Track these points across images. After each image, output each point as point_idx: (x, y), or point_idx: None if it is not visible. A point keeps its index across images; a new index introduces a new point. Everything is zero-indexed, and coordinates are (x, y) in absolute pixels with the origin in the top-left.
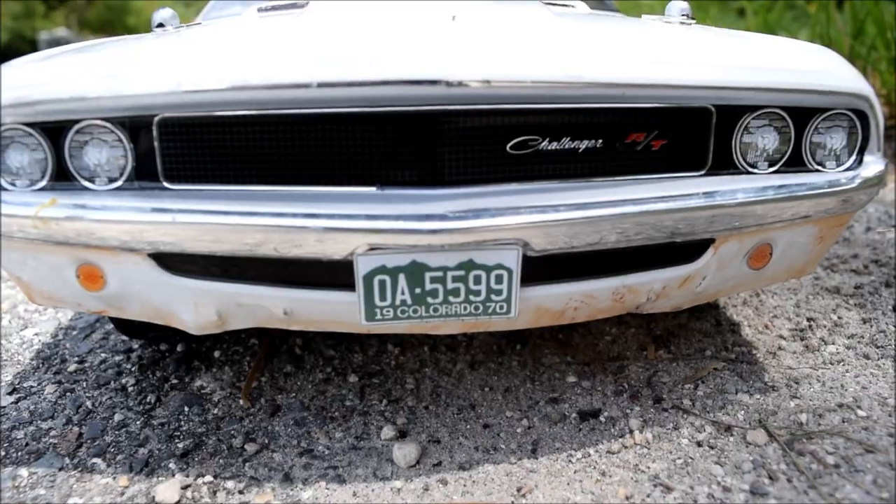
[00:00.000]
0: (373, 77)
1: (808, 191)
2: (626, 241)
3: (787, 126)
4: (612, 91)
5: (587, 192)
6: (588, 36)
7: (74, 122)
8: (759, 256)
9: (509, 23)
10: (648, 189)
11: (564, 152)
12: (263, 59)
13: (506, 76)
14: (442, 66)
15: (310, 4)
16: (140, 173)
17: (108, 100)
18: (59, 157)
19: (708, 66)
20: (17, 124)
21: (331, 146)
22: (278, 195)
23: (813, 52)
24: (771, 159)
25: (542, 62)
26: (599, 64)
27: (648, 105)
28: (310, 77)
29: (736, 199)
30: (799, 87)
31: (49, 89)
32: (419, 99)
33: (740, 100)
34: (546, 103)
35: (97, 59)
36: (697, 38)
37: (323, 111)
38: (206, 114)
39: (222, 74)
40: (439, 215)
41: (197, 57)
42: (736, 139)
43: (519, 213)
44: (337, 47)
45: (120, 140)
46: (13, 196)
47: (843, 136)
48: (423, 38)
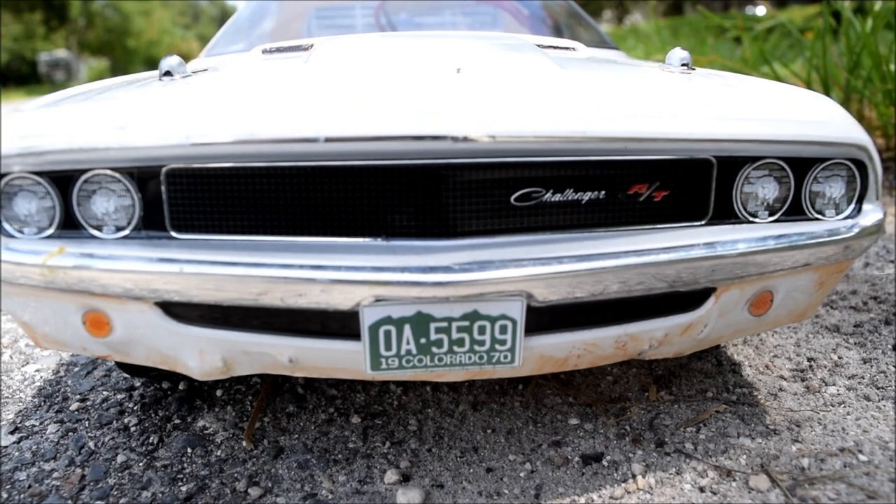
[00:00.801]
0: (379, 133)
1: (807, 240)
2: (629, 290)
3: (787, 176)
4: (614, 145)
5: (590, 243)
6: (590, 88)
7: (83, 172)
8: (760, 303)
9: (513, 75)
10: (650, 240)
11: (568, 203)
12: (270, 113)
13: (510, 132)
14: (448, 121)
15: (314, 47)
16: (147, 222)
17: (116, 151)
18: (66, 206)
19: (708, 119)
20: (26, 173)
21: (337, 198)
22: (285, 245)
23: (812, 100)
24: (771, 208)
25: (546, 117)
26: (602, 118)
27: (650, 157)
28: (317, 132)
29: (737, 249)
30: (798, 138)
31: (59, 140)
32: (425, 153)
33: (741, 151)
34: (550, 156)
35: (106, 108)
36: (698, 89)
37: (329, 164)
38: (214, 165)
39: (229, 128)
40: (444, 267)
41: (204, 109)
42: (737, 189)
43: (523, 266)
44: (343, 100)
45: (128, 189)
46: (21, 243)
47: (842, 185)
48: (429, 92)
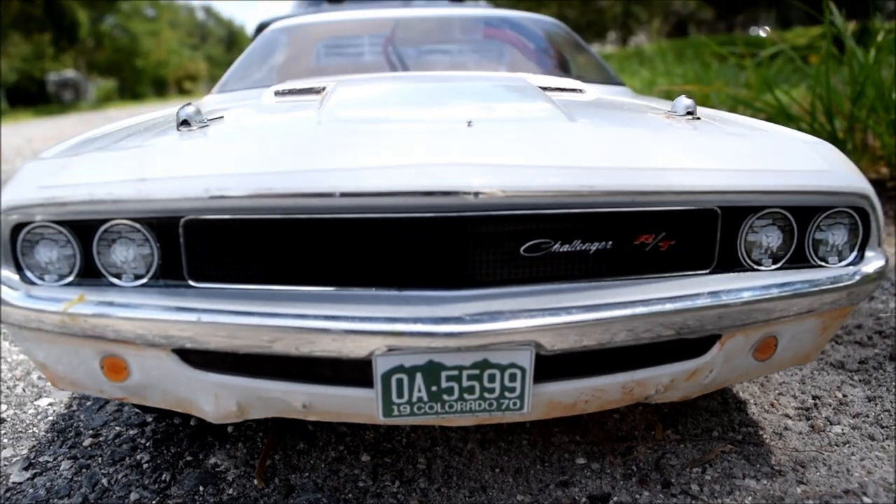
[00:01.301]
0: (393, 188)
1: (811, 288)
2: (636, 338)
3: (790, 224)
4: (621, 198)
5: (598, 293)
6: (597, 140)
7: (103, 222)
8: (765, 348)
9: (522, 127)
10: (657, 289)
11: (576, 253)
12: (286, 166)
13: (521, 187)
14: (460, 177)
15: (327, 91)
16: (165, 271)
17: (137, 203)
18: (87, 254)
19: (713, 172)
20: (48, 222)
21: (351, 249)
22: (300, 295)
23: (814, 148)
24: (775, 256)
25: (555, 172)
26: (609, 173)
27: (657, 209)
28: (332, 187)
29: (741, 298)
30: (801, 188)
31: (80, 191)
32: (437, 207)
33: (745, 202)
34: (559, 209)
35: (125, 160)
36: (702, 140)
37: (343, 216)
38: (231, 217)
39: (246, 183)
40: (455, 318)
41: (221, 162)
42: (741, 238)
43: (532, 316)
44: (358, 154)
45: (147, 239)
46: (42, 290)
47: (844, 232)
48: (441, 147)
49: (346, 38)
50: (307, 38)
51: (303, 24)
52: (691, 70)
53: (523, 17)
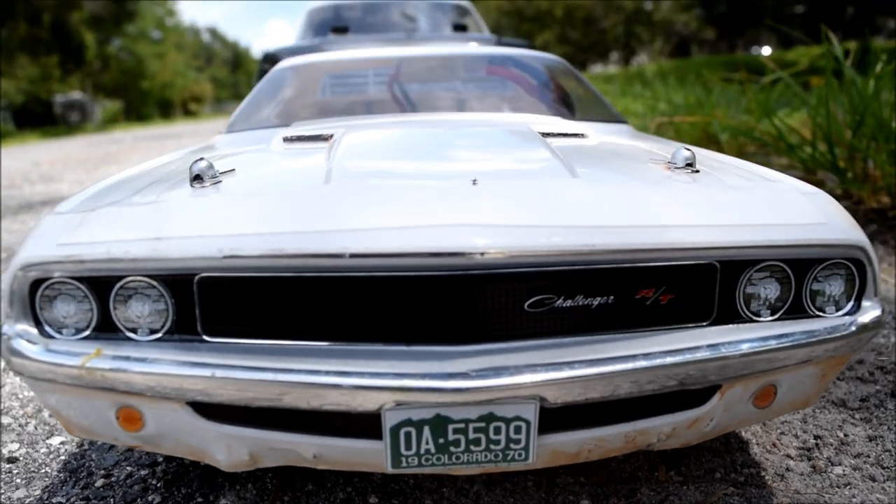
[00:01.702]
0: (401, 249)
1: (809, 339)
2: (638, 391)
3: (788, 276)
4: (622, 255)
5: (600, 346)
6: (599, 196)
7: (120, 278)
8: (764, 396)
9: (526, 184)
10: (657, 342)
11: (578, 308)
12: (296, 226)
13: (524, 247)
14: (466, 238)
15: (334, 138)
16: (180, 326)
17: (153, 262)
18: (103, 309)
19: (712, 227)
20: (66, 278)
21: (360, 306)
22: (311, 350)
23: (811, 200)
24: (773, 307)
25: (558, 232)
26: (610, 231)
27: (657, 264)
28: (342, 248)
29: (740, 350)
30: (799, 242)
31: (98, 250)
32: (444, 266)
33: (743, 256)
34: (562, 266)
35: (141, 218)
36: (702, 193)
37: (353, 275)
38: (244, 275)
39: (259, 243)
40: (462, 374)
41: (234, 222)
42: (739, 290)
43: (536, 371)
44: (365, 212)
45: (162, 295)
46: (60, 344)
47: (841, 283)
48: (448, 207)
49: (352, 76)
50: (314, 77)
51: (310, 63)
52: (693, 95)
53: (526, 56)
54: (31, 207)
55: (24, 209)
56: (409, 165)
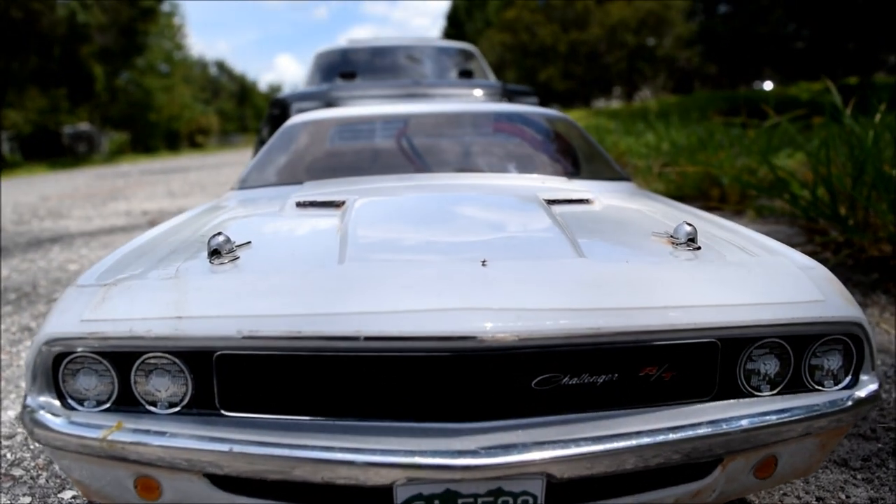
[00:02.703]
0: (414, 333)
1: (808, 413)
2: (642, 465)
3: (787, 352)
4: (627, 336)
5: (605, 423)
6: (603, 279)
7: (141, 354)
8: (765, 467)
9: (533, 266)
10: (661, 418)
11: (584, 386)
12: (312, 307)
13: (532, 331)
14: (477, 323)
15: (346, 205)
16: (198, 400)
17: (173, 340)
18: (124, 383)
19: (713, 308)
20: (89, 353)
21: (373, 384)
22: (325, 426)
23: (810, 275)
24: (772, 382)
25: (565, 314)
26: (615, 313)
27: (660, 343)
28: (356, 331)
29: (741, 425)
30: (798, 320)
31: (121, 327)
32: (455, 348)
33: (744, 335)
34: (568, 347)
35: (163, 293)
36: (703, 272)
37: (366, 354)
38: (261, 353)
39: (276, 324)
40: (471, 452)
41: (252, 302)
42: (740, 367)
43: (543, 449)
44: (378, 294)
45: (181, 371)
46: (81, 417)
47: (839, 357)
48: (457, 289)
49: (361, 133)
50: (325, 133)
51: (321, 120)
52: (695, 135)
53: (532, 112)
54: (40, 245)
55: (33, 247)
56: (420, 239)
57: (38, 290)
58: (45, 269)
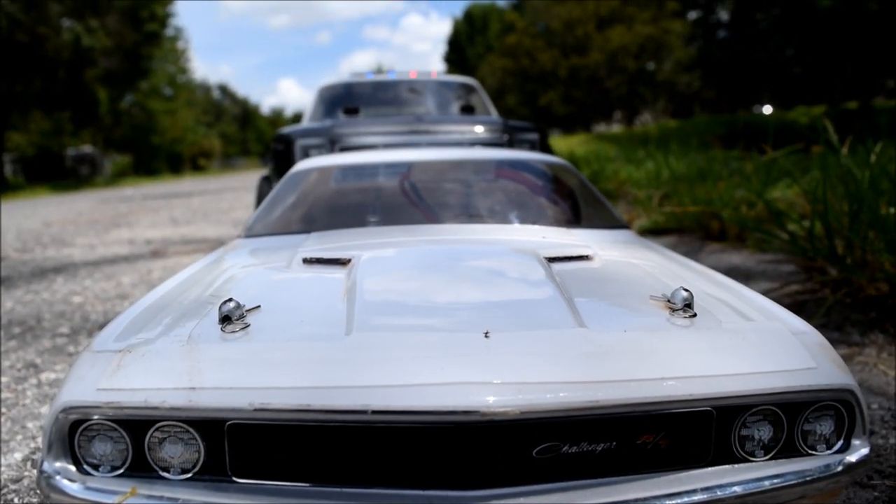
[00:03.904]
0: (419, 407)
1: (801, 478)
2: None
3: (780, 418)
4: (625, 408)
5: (604, 490)
6: (602, 350)
7: (155, 422)
8: None
9: (534, 337)
10: (657, 484)
11: (583, 454)
12: (321, 381)
13: (534, 404)
14: (479, 396)
15: (352, 263)
16: (210, 467)
17: (187, 411)
18: (137, 449)
19: (709, 378)
20: (104, 420)
21: (378, 453)
22: (333, 494)
23: (803, 341)
24: (766, 447)
25: (565, 388)
26: (614, 386)
27: (657, 412)
28: (364, 405)
29: (735, 492)
30: (791, 389)
31: (136, 397)
32: (458, 421)
33: (738, 403)
34: (568, 418)
35: (176, 362)
36: (699, 341)
37: (373, 426)
38: (272, 423)
39: (287, 397)
40: None
41: (263, 374)
42: (734, 433)
43: None
44: (384, 369)
45: (194, 438)
46: (96, 482)
47: (831, 423)
48: (462, 363)
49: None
50: (329, 180)
51: (325, 167)
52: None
53: (532, 159)
54: (44, 276)
55: (37, 277)
56: (424, 302)
57: (43, 324)
58: (49, 301)
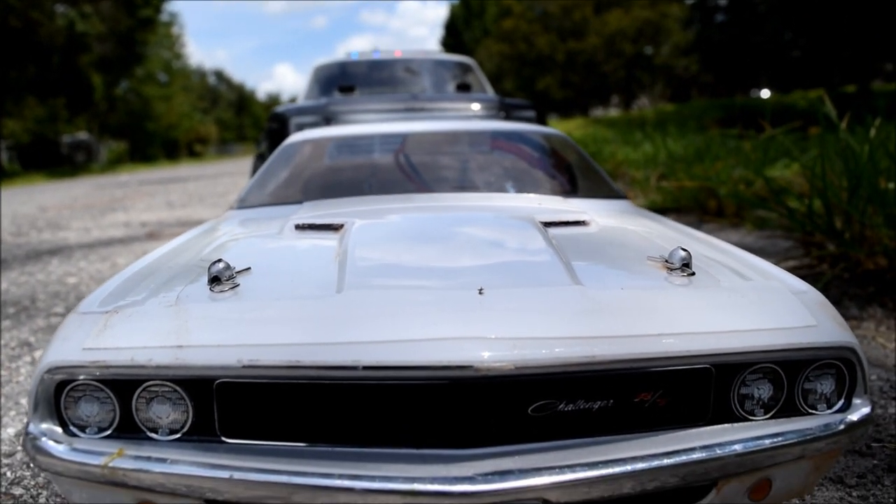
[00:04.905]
0: (412, 362)
1: (801, 437)
2: (638, 489)
3: (780, 377)
4: (622, 364)
5: (601, 449)
6: (599, 307)
7: (142, 382)
8: (760, 490)
9: (530, 294)
10: (655, 443)
11: (580, 412)
12: (311, 337)
13: (529, 360)
14: (473, 351)
15: (345, 228)
16: (199, 427)
17: (174, 369)
18: (125, 410)
19: (708, 335)
20: (91, 381)
21: (371, 411)
22: (324, 453)
23: (803, 299)
24: (766, 406)
25: (561, 343)
26: (611, 341)
27: (655, 370)
28: (355, 360)
29: (735, 450)
30: (791, 346)
31: (122, 356)
32: (452, 377)
33: (737, 360)
34: (564, 374)
35: (164, 321)
36: (697, 298)
37: (365, 383)
38: (261, 381)
39: (276, 354)
40: (469, 478)
41: (252, 331)
42: (734, 392)
43: (540, 474)
44: (376, 324)
45: (182, 398)
46: (83, 444)
47: (831, 381)
48: (455, 318)
49: (360, 151)
50: (323, 152)
51: (319, 138)
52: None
53: (528, 130)
54: (39, 258)
55: (32, 259)
56: (417, 264)
57: (37, 304)
58: (43, 282)
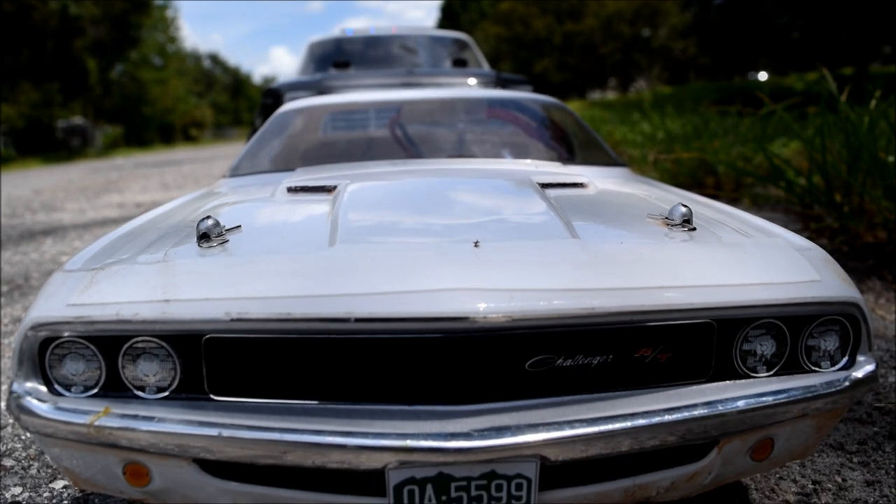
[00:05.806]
0: (405, 314)
1: (804, 394)
2: (637, 447)
3: (783, 333)
4: (621, 317)
5: (599, 405)
6: (597, 259)
7: (129, 338)
8: (761, 449)
9: (527, 247)
10: (656, 400)
11: (578, 367)
12: (302, 290)
13: (525, 311)
14: (468, 303)
15: (338, 190)
16: (187, 385)
17: (161, 324)
18: (111, 368)
19: (709, 288)
20: (76, 338)
21: (364, 367)
22: (316, 410)
23: (806, 256)
24: (769, 363)
25: (558, 295)
26: (609, 293)
27: (655, 324)
28: (347, 312)
29: (737, 406)
30: (794, 300)
31: (108, 311)
32: (447, 329)
33: (739, 315)
34: (562, 328)
35: (150, 277)
36: (698, 253)
37: (358, 337)
38: (251, 336)
39: (266, 307)
40: (464, 434)
41: (241, 284)
42: (736, 348)
43: (537, 431)
44: (369, 276)
45: (170, 355)
46: (68, 403)
47: (835, 338)
48: (449, 270)
49: (355, 120)
50: (317, 120)
51: (313, 107)
52: (690, 125)
53: (525, 98)
54: (33, 238)
55: (26, 239)
56: (412, 222)
57: (31, 282)
58: (37, 261)
